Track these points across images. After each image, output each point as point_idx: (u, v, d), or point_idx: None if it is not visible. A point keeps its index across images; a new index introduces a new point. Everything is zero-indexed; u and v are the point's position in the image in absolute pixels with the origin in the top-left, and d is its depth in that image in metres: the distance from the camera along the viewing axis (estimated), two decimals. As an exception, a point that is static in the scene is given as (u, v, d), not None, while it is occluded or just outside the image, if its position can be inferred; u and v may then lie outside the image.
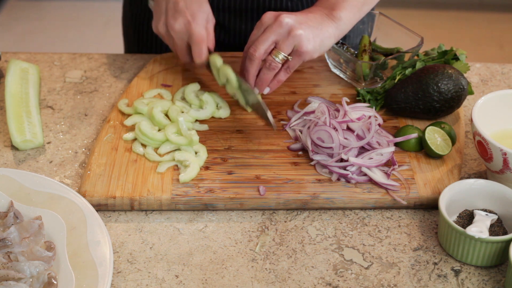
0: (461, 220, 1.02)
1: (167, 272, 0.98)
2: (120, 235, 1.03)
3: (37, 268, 0.93)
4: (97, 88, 1.31)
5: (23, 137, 1.16)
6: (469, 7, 3.71)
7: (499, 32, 3.54)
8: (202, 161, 1.12)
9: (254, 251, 1.01)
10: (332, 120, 1.14)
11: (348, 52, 1.30)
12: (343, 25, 1.16)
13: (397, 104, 1.21)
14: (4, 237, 0.96)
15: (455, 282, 0.97)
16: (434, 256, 1.01)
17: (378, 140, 1.14)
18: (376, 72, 1.27)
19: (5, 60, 1.37)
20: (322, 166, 1.12)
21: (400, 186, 1.08)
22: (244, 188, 1.08)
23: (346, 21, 1.16)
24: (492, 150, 1.04)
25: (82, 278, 0.93)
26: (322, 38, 1.14)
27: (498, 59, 3.27)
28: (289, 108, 1.24)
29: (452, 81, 1.18)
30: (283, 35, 1.12)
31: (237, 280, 0.97)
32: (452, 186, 1.03)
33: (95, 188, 1.07)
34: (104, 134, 1.17)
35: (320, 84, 1.31)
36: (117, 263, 0.99)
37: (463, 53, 1.26)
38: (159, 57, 1.36)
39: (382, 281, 0.97)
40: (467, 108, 1.28)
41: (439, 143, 1.13)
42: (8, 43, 3.29)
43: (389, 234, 1.04)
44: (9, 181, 1.06)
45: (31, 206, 1.03)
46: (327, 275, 0.98)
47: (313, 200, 1.07)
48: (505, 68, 1.40)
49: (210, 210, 1.07)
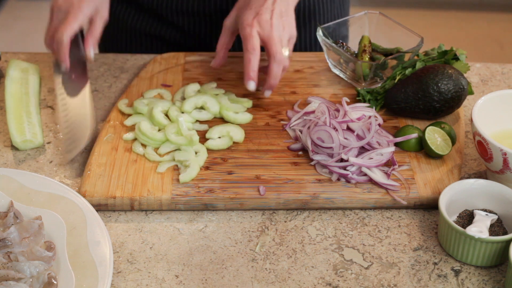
0: (461, 220, 1.02)
1: (167, 272, 0.98)
2: (120, 235, 1.03)
3: (37, 268, 0.93)
4: (97, 88, 1.31)
5: (23, 137, 1.16)
6: (469, 7, 3.71)
7: (499, 32, 3.54)
8: (202, 161, 1.12)
9: (254, 251, 1.01)
10: (332, 120, 1.14)
11: (348, 52, 1.30)
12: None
13: (397, 104, 1.21)
14: (4, 237, 0.96)
15: (455, 282, 0.97)
16: (434, 256, 1.01)
17: (378, 140, 1.14)
18: (376, 72, 1.27)
19: (5, 60, 1.37)
20: (322, 166, 1.12)
21: (400, 186, 1.08)
22: (244, 188, 1.08)
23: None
24: (492, 150, 1.04)
25: (82, 278, 0.93)
26: (292, 15, 1.23)
27: (498, 59, 3.27)
28: (289, 108, 1.24)
29: (452, 81, 1.18)
30: (280, 31, 1.18)
31: (237, 280, 0.97)
32: (452, 186, 1.03)
33: (95, 188, 1.07)
34: (104, 134, 1.17)
35: (320, 84, 1.31)
36: (117, 263, 0.99)
37: (463, 53, 1.26)
38: (159, 57, 1.36)
39: (382, 281, 0.97)
40: (467, 108, 1.28)
41: (439, 143, 1.13)
42: (8, 43, 3.28)
43: (389, 234, 1.04)
44: (9, 181, 1.06)
45: (31, 206, 1.03)
46: (327, 275, 0.98)
47: (313, 200, 1.07)
48: (505, 68, 1.40)
49: (210, 210, 1.07)
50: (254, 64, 1.17)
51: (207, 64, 1.33)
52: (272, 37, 1.17)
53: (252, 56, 1.16)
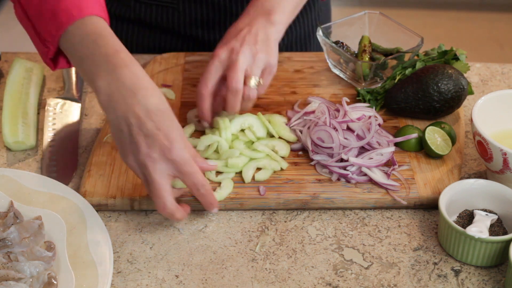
0: (461, 220, 1.02)
1: (167, 272, 0.98)
2: (120, 235, 1.03)
3: (37, 268, 0.93)
4: (97, 88, 1.31)
5: (16, 138, 1.15)
6: (469, 7, 3.71)
7: (499, 32, 3.54)
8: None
9: (254, 251, 1.01)
10: (332, 120, 1.14)
11: (348, 52, 1.30)
12: (281, 28, 1.17)
13: (397, 104, 1.21)
14: (4, 237, 0.96)
15: (455, 282, 0.97)
16: (434, 256, 1.01)
17: (378, 140, 1.14)
18: (376, 72, 1.27)
19: (5, 60, 1.37)
20: (322, 166, 1.12)
21: (400, 186, 1.08)
22: (244, 188, 1.08)
23: (282, 24, 1.18)
24: (492, 150, 1.04)
25: (82, 278, 0.93)
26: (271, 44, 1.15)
27: (498, 59, 3.27)
28: (289, 108, 1.24)
29: (452, 81, 1.18)
30: (249, 59, 1.11)
31: (237, 280, 0.97)
32: (452, 186, 1.03)
33: (95, 188, 1.07)
34: (104, 134, 1.17)
35: (320, 84, 1.31)
36: (117, 263, 0.99)
37: (463, 53, 1.26)
38: (159, 57, 1.36)
39: (382, 281, 0.97)
40: (467, 108, 1.27)
41: (439, 143, 1.13)
42: (8, 43, 3.28)
43: (389, 234, 1.04)
44: (9, 181, 1.06)
45: (31, 206, 1.03)
46: (327, 275, 0.98)
47: (313, 200, 1.07)
48: (505, 68, 1.40)
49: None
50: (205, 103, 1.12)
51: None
52: (234, 64, 1.10)
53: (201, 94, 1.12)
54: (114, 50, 0.98)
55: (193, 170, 0.97)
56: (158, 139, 0.95)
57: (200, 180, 0.98)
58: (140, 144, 0.95)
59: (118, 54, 0.97)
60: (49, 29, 1.01)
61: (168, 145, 0.95)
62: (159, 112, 0.96)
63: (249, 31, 1.13)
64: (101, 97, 0.97)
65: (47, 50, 1.03)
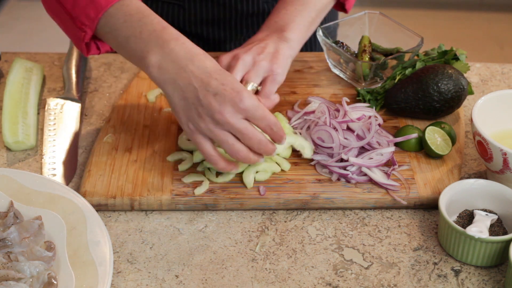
0: (461, 220, 1.02)
1: (167, 272, 0.98)
2: (120, 235, 1.03)
3: (37, 268, 0.93)
4: (97, 88, 1.31)
5: (16, 138, 1.15)
6: (469, 7, 3.71)
7: (499, 32, 3.54)
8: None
9: (254, 251, 1.01)
10: (332, 120, 1.14)
11: (348, 52, 1.30)
12: (295, 45, 1.18)
13: (397, 104, 1.21)
14: (4, 237, 0.96)
15: (455, 282, 0.97)
16: (434, 256, 1.01)
17: (378, 140, 1.14)
18: (376, 72, 1.27)
19: (5, 60, 1.37)
20: (322, 166, 1.12)
21: (400, 186, 1.08)
22: (244, 188, 1.08)
23: (296, 41, 1.18)
24: (492, 150, 1.04)
25: (82, 278, 0.93)
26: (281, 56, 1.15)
27: (498, 59, 3.27)
28: (289, 108, 1.24)
29: (452, 81, 1.18)
30: (248, 67, 1.12)
31: (237, 280, 0.97)
32: (452, 186, 1.03)
33: (95, 188, 1.07)
34: (104, 134, 1.17)
35: (320, 84, 1.31)
36: (117, 263, 0.99)
37: (463, 53, 1.26)
38: (159, 57, 1.36)
39: (382, 281, 0.97)
40: (467, 108, 1.28)
41: (439, 143, 1.13)
42: (8, 43, 3.28)
43: (389, 234, 1.04)
44: (9, 181, 1.06)
45: (31, 206, 1.03)
46: (327, 275, 0.98)
47: (313, 200, 1.07)
48: (505, 68, 1.40)
49: (210, 210, 1.07)
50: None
51: None
52: (231, 68, 1.11)
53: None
54: (161, 26, 1.02)
55: (265, 113, 1.01)
56: (226, 93, 0.98)
57: (273, 120, 1.02)
58: (211, 104, 0.98)
59: (165, 30, 1.02)
60: (87, 13, 1.03)
61: (238, 96, 0.98)
62: (218, 71, 1.00)
63: (258, 44, 1.15)
64: (154, 72, 1.01)
65: (84, 34, 1.05)
